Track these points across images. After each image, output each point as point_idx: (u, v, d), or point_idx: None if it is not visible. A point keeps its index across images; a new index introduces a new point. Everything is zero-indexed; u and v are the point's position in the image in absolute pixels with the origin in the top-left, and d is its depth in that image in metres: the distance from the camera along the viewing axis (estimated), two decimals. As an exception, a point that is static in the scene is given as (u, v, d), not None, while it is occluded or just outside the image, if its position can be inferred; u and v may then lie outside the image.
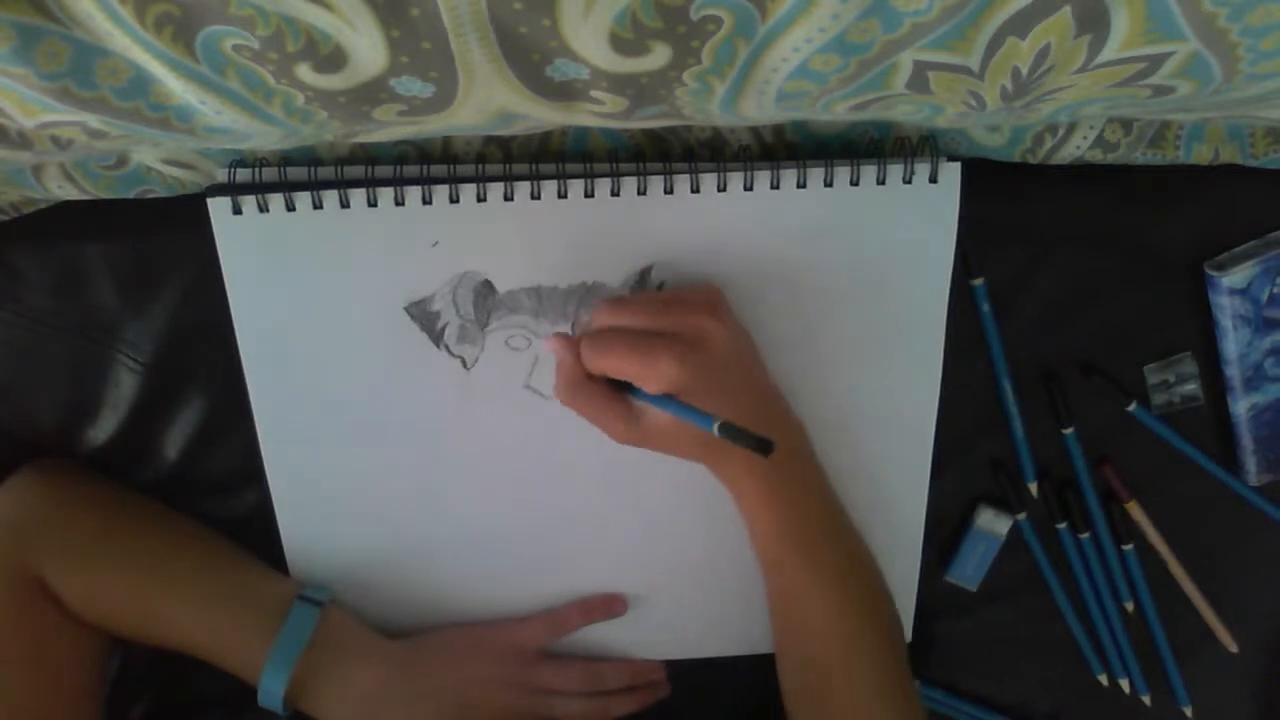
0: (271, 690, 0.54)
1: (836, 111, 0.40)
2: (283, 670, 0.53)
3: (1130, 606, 0.64)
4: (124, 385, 0.57)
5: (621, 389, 0.50)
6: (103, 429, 0.58)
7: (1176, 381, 0.59)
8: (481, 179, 0.51)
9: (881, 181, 0.52)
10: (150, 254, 0.54)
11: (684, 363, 0.46)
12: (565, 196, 0.52)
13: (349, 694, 0.56)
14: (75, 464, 0.58)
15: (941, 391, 0.57)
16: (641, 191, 0.52)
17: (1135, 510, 0.62)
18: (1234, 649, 0.65)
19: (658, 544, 0.60)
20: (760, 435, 0.44)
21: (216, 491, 0.59)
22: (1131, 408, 0.59)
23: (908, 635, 0.63)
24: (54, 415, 0.57)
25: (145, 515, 0.59)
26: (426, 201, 0.51)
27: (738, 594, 0.61)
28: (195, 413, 0.57)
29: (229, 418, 0.57)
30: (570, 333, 0.55)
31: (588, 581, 0.61)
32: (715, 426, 0.44)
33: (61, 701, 0.54)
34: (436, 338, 0.55)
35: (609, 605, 0.61)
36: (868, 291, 0.54)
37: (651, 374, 0.47)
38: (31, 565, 0.54)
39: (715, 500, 0.55)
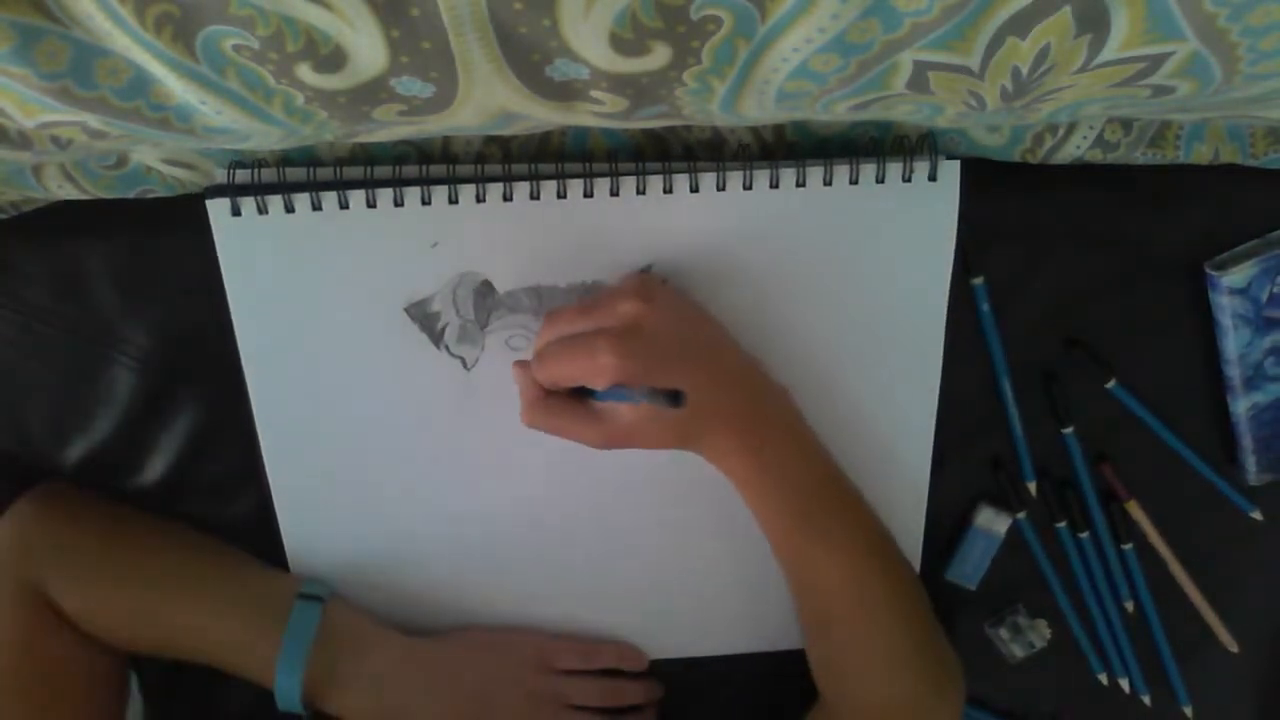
0: (288, 691, 0.53)
1: (836, 112, 0.40)
2: (295, 669, 0.53)
3: (1130, 606, 0.64)
4: (122, 384, 0.56)
5: (584, 398, 0.50)
6: (100, 428, 0.58)
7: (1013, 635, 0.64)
8: (480, 179, 0.51)
9: (881, 180, 0.52)
10: (150, 253, 0.54)
11: (619, 351, 0.46)
12: (564, 196, 0.52)
13: (363, 680, 0.55)
14: (72, 487, 0.59)
15: (941, 390, 0.57)
16: (640, 191, 0.52)
17: (1135, 509, 0.62)
18: (1234, 648, 0.65)
19: (659, 542, 0.60)
20: (668, 389, 0.47)
21: (216, 492, 0.59)
22: (1110, 384, 0.59)
23: None
24: (51, 413, 0.57)
25: (144, 529, 0.59)
26: (425, 202, 0.51)
27: (740, 592, 0.62)
28: (194, 412, 0.57)
29: (228, 417, 0.57)
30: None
31: (587, 580, 0.61)
32: (637, 396, 0.47)
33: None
34: (436, 338, 0.55)
35: (638, 659, 0.62)
36: (867, 289, 0.54)
37: (594, 369, 0.47)
38: (39, 586, 0.54)
39: (716, 497, 0.55)
